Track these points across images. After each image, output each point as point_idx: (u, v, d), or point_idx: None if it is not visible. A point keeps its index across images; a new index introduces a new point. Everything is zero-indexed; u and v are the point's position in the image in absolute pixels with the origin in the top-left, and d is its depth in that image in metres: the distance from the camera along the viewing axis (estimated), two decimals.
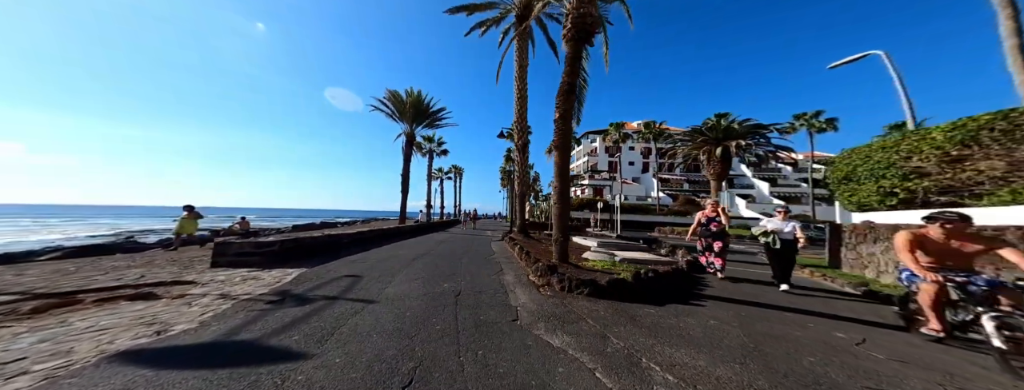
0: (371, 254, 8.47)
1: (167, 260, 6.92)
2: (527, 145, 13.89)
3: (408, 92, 20.98)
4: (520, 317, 3.60)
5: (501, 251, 9.99)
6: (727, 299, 4.68)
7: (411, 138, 21.87)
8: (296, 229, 21.94)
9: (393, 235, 13.14)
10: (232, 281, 4.79)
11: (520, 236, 12.94)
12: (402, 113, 21.41)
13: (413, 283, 5.22)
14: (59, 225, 39.75)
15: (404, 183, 21.23)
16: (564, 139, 5.88)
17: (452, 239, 13.60)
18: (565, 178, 6.02)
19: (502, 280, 5.59)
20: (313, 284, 4.94)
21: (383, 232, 12.00)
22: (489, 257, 8.67)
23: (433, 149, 31.60)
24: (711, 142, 20.12)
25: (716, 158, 19.17)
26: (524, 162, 13.77)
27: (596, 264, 6.70)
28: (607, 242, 11.00)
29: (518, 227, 13.57)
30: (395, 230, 13.59)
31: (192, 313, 3.34)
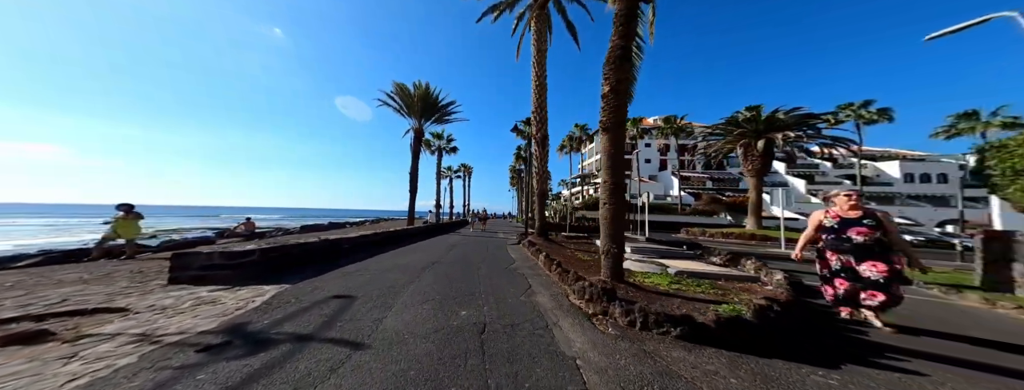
0: (373, 263, 7.26)
1: (128, 272, 5.81)
2: (546, 138, 12.58)
3: (416, 85, 19.87)
4: (588, 382, 2.29)
5: (522, 259, 8.69)
6: (939, 357, 2.82)
7: (419, 134, 20.75)
8: (305, 230, 21.05)
9: (400, 238, 11.98)
10: (178, 308, 3.59)
11: (540, 239, 11.62)
12: (410, 108, 20.31)
13: (420, 308, 3.96)
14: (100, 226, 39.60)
15: (412, 182, 20.12)
16: (616, 117, 4.55)
17: (464, 242, 12.36)
18: (618, 168, 4.68)
19: (536, 304, 4.30)
20: (286, 311, 3.72)
21: (389, 235, 10.84)
22: (510, 266, 7.38)
23: (442, 146, 30.53)
24: (750, 135, 18.40)
25: (757, 152, 17.45)
26: (544, 157, 12.45)
27: (647, 279, 5.33)
28: (642, 247, 9.59)
29: (537, 229, 12.25)
30: (403, 232, 12.43)
31: (59, 376, 2.12)
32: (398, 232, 11.97)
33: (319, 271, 6.06)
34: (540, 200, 12.41)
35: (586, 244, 12.62)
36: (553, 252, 8.80)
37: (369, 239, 9.84)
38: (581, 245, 12.21)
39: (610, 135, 4.61)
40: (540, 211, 12.50)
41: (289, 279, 5.27)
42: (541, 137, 12.42)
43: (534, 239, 11.63)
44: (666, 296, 4.30)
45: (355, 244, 8.78)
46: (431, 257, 8.45)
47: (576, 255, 9.18)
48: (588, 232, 21.36)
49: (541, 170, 12.33)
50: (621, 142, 4.63)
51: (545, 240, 11.66)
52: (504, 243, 12.86)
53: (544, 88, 12.75)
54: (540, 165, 12.36)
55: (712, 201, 33.73)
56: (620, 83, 4.47)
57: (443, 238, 14.44)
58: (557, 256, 7.98)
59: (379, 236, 10.41)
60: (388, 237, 10.80)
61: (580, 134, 49.86)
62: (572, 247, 11.43)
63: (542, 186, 12.30)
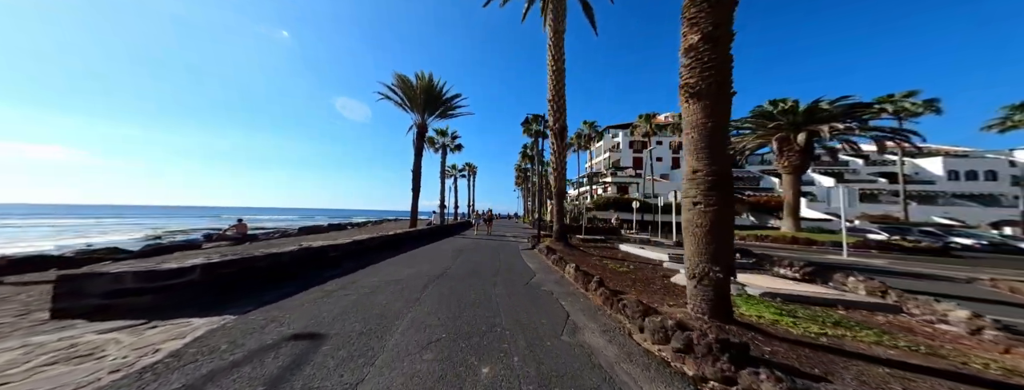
0: (364, 276, 5.89)
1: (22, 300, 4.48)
2: (565, 130, 11.16)
3: (419, 76, 18.53)
4: None
5: (543, 269, 7.28)
6: None
7: (423, 129, 19.43)
8: (304, 232, 19.82)
9: (400, 243, 10.62)
10: (8, 370, 2.21)
11: (559, 244, 10.18)
12: (412, 101, 18.99)
13: (419, 360, 2.61)
14: (116, 226, 39.64)
15: (415, 180, 18.79)
16: (716, 76, 3.11)
17: (472, 247, 10.98)
18: (718, 151, 3.23)
19: (590, 350, 2.91)
20: (199, 371, 2.35)
21: (387, 240, 9.49)
22: (531, 281, 5.98)
23: (447, 143, 29.22)
24: (787, 128, 16.73)
25: (798, 146, 15.78)
26: (561, 150, 11.02)
27: (749, 312, 3.88)
28: (681, 255, 8.09)
29: (555, 232, 10.80)
30: (404, 236, 11.07)
31: None
32: (399, 236, 10.62)
33: (289, 291, 4.70)
34: (558, 200, 10.96)
35: (609, 250, 11.17)
36: (583, 263, 7.38)
37: (364, 245, 8.49)
38: (604, 250, 10.76)
39: (703, 104, 3.17)
40: (559, 212, 11.07)
41: (241, 305, 3.91)
42: (559, 129, 11.00)
43: (552, 244, 10.21)
44: (814, 349, 2.83)
45: (346, 252, 7.43)
46: (434, 268, 7.06)
47: (606, 265, 7.75)
48: (604, 234, 19.86)
49: (559, 166, 10.91)
50: (722, 113, 3.18)
51: (565, 245, 10.22)
52: (517, 248, 11.46)
53: (562, 73, 11.34)
54: (557, 160, 10.94)
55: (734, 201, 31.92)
56: (718, 27, 3.04)
57: (448, 242, 13.06)
58: (592, 269, 6.56)
59: (376, 241, 9.06)
60: (387, 242, 9.44)
61: (589, 131, 48.35)
62: (595, 253, 9.98)
63: (560, 184, 10.87)
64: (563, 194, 10.86)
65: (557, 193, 10.98)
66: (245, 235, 13.58)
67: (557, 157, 10.99)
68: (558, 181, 10.94)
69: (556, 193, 10.99)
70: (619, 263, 8.06)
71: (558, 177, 10.95)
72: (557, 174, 10.96)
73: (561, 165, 10.93)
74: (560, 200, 11.02)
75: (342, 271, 6.31)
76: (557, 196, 11.00)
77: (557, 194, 10.99)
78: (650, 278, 6.17)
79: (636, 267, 7.49)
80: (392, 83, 18.72)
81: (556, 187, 10.99)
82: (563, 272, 6.63)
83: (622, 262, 8.29)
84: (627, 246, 11.51)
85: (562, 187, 11.01)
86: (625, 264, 7.93)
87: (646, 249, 9.99)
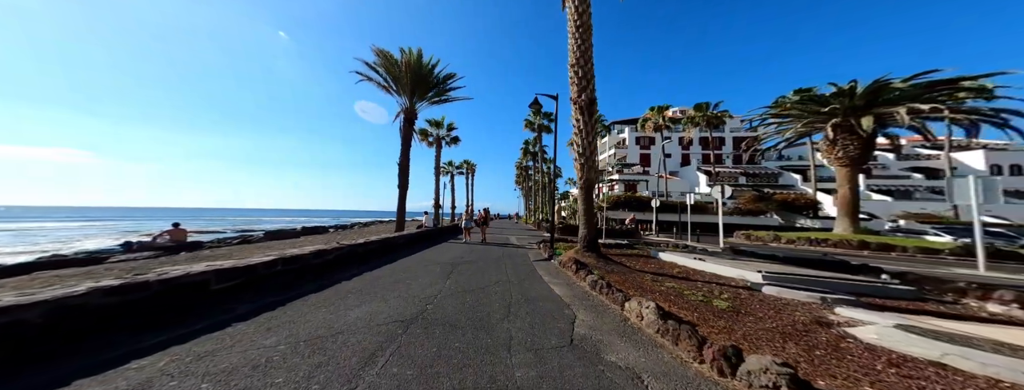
0: (252, 334, 3.26)
1: None
2: (594, 104, 8.56)
3: (404, 53, 15.89)
4: None
5: (580, 300, 4.73)
6: None
7: (411, 116, 16.81)
8: (270, 237, 17.13)
9: (373, 255, 8.00)
10: None
11: (591, 256, 7.56)
12: (397, 82, 16.37)
13: None
14: (76, 230, 37.70)
15: (402, 176, 16.18)
16: None
17: (468, 258, 8.38)
18: None
19: None
20: None
21: (345, 254, 6.85)
22: (576, 336, 3.37)
23: (442, 136, 26.60)
24: (845, 112, 14.15)
25: (863, 132, 13.12)
26: (590, 129, 8.42)
27: None
28: (783, 274, 5.51)
29: (585, 240, 8.14)
30: (378, 245, 8.46)
31: None
32: (370, 246, 8.00)
33: (117, 358, 2.09)
34: (586, 195, 8.27)
35: (645, 259, 8.61)
36: (626, 282, 4.79)
37: (326, 256, 5.88)
38: (641, 261, 8.18)
39: None
40: (587, 212, 8.40)
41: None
42: (586, 101, 8.39)
43: (580, 255, 7.60)
44: None
45: (280, 272, 4.84)
46: (407, 303, 4.47)
47: (671, 288, 5.16)
48: (623, 237, 17.31)
49: (587, 150, 8.29)
50: None
51: (597, 256, 7.61)
52: (527, 258, 8.88)
53: (588, 30, 8.75)
54: (584, 142, 8.32)
55: (756, 199, 29.45)
56: None
57: (439, 250, 10.45)
58: (649, 294, 3.98)
59: (336, 253, 6.43)
60: (345, 256, 6.80)
61: None
62: (634, 265, 7.40)
63: (589, 173, 8.22)
64: (593, 187, 8.28)
65: (585, 186, 8.32)
66: (183, 243, 10.93)
67: (584, 138, 8.37)
68: (586, 170, 8.30)
69: (583, 187, 8.34)
70: (687, 285, 5.48)
71: (586, 165, 8.31)
72: (584, 161, 8.33)
73: (590, 149, 8.30)
74: (588, 195, 8.35)
75: (252, 310, 3.70)
76: (584, 190, 8.34)
77: (584, 188, 8.33)
78: (792, 328, 3.56)
79: (718, 292, 4.93)
80: (374, 61, 16.09)
81: (583, 178, 8.34)
82: (622, 310, 4.04)
83: (686, 282, 5.71)
84: (669, 255, 8.94)
85: (592, 178, 8.39)
86: (697, 287, 5.35)
87: (703, 260, 7.41)
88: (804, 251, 12.19)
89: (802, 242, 14.52)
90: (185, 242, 11.04)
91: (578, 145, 8.28)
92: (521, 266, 7.67)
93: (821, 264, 7.04)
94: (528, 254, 9.94)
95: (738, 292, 5.06)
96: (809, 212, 28.03)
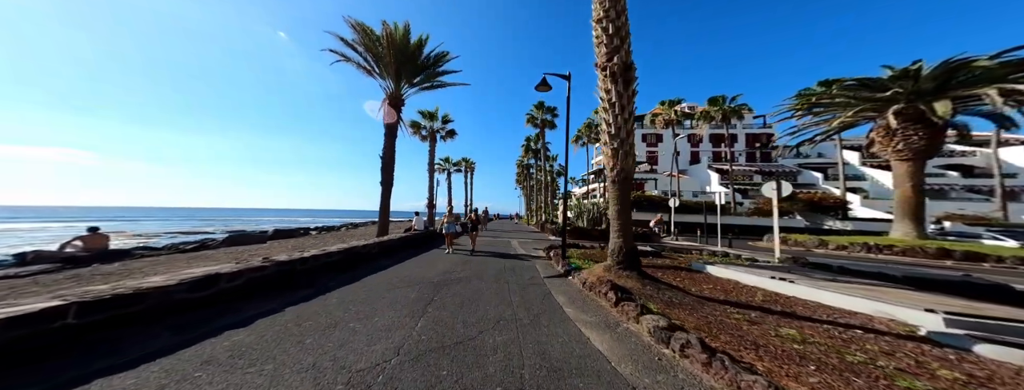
0: None
1: None
2: (631, 68, 6.42)
3: (387, 27, 13.72)
4: None
5: (647, 377, 2.50)
6: None
7: (396, 102, 14.70)
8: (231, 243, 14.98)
9: (329, 270, 5.90)
10: None
11: (632, 277, 5.42)
12: (379, 61, 14.26)
13: None
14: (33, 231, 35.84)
15: (385, 171, 14.10)
16: None
17: (457, 276, 6.27)
18: None
19: None
20: None
21: (290, 268, 4.75)
22: None
23: (437, 129, 24.47)
24: (911, 97, 12.02)
25: (937, 119, 10.91)
26: (627, 104, 6.25)
27: None
28: (991, 322, 3.37)
29: (620, 253, 5.90)
30: (343, 257, 6.36)
31: None
32: (323, 261, 5.88)
33: None
34: (621, 190, 5.97)
35: (683, 274, 6.51)
36: (712, 328, 2.66)
37: (175, 297, 3.78)
38: (692, 281, 6.07)
39: None
40: (623, 214, 6.11)
41: None
42: (621, 66, 6.24)
43: (615, 276, 5.46)
44: None
45: (101, 323, 2.72)
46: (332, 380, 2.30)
47: (780, 338, 3.03)
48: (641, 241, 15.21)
49: (623, 130, 6.07)
50: None
51: (639, 276, 5.47)
52: (535, 273, 6.81)
53: None
54: (619, 120, 6.12)
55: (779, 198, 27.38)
56: None
57: (423, 262, 8.36)
58: (775, 358, 1.81)
59: (248, 276, 4.32)
60: (275, 277, 4.69)
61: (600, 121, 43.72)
62: (691, 288, 5.28)
63: (625, 162, 6.03)
64: (630, 181, 6.07)
65: (619, 178, 6.03)
66: (99, 252, 8.80)
67: (617, 115, 6.21)
68: (620, 157, 6.01)
69: (616, 179, 6.03)
70: (809, 330, 3.36)
71: (620, 150, 6.06)
72: (618, 145, 6.07)
73: (626, 129, 6.11)
74: (624, 191, 6.08)
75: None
76: (619, 184, 6.03)
77: (619, 180, 6.03)
78: None
79: (882, 351, 2.81)
80: (352, 38, 13.95)
81: (616, 168, 6.07)
82: None
83: (793, 322, 3.60)
84: (724, 270, 6.83)
85: (629, 168, 6.11)
86: (827, 335, 3.24)
87: (790, 281, 5.30)
88: (893, 264, 10.03)
89: (857, 248, 12.43)
90: (103, 251, 8.91)
91: (609, 124, 6.14)
92: (530, 289, 5.57)
93: (973, 289, 4.95)
94: (536, 267, 7.84)
95: (913, 349, 2.95)
96: (838, 213, 25.97)
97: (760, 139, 46.01)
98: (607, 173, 6.17)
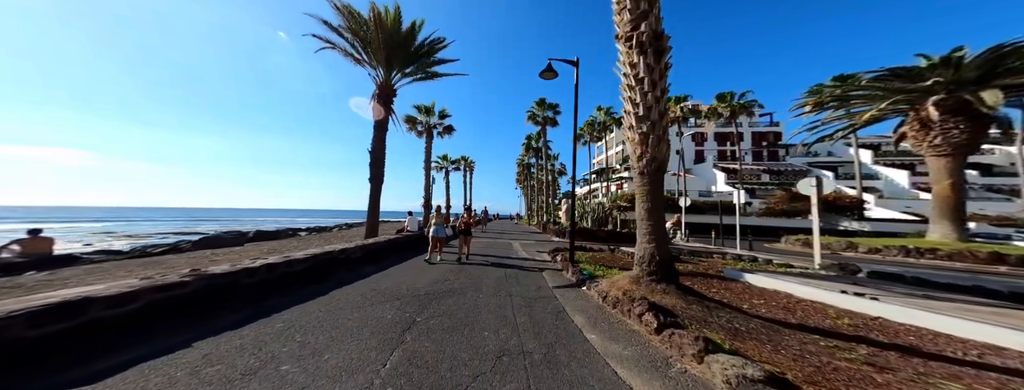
0: None
1: None
2: (662, 37, 5.28)
3: (375, 9, 12.58)
4: None
5: None
6: None
7: (387, 92, 13.60)
8: (201, 246, 13.84)
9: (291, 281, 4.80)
10: None
11: (669, 291, 4.30)
12: (368, 47, 13.17)
13: None
14: None
15: (374, 167, 13.00)
16: None
17: (448, 288, 5.18)
18: None
19: None
20: None
21: (233, 282, 3.67)
22: None
23: (433, 124, 23.36)
24: (949, 87, 10.93)
25: (985, 109, 9.81)
26: (659, 79, 5.12)
27: None
28: None
29: (654, 262, 4.67)
30: (313, 264, 5.27)
31: None
32: (281, 270, 4.79)
33: None
34: (652, 184, 4.83)
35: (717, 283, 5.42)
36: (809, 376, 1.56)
37: (86, 318, 2.69)
38: (735, 294, 4.98)
39: None
40: (654, 214, 4.82)
41: None
42: (651, 35, 5.09)
43: (647, 289, 4.37)
44: None
45: None
46: None
47: None
48: None
49: (654, 111, 4.89)
50: None
51: (677, 289, 4.35)
52: (542, 284, 5.74)
53: None
54: (649, 99, 4.90)
55: (791, 197, 26.31)
56: None
57: (409, 270, 7.29)
58: None
59: (168, 293, 3.21)
60: (203, 293, 3.61)
61: (604, 119, 42.48)
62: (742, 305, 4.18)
63: (656, 150, 4.88)
64: (662, 173, 4.91)
65: (648, 170, 4.88)
66: (45, 256, 7.69)
67: (646, 94, 5.00)
68: (651, 144, 4.81)
69: (646, 170, 4.87)
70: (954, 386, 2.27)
71: (650, 135, 4.87)
72: (648, 129, 4.89)
73: (658, 110, 4.97)
74: (656, 186, 4.97)
75: None
76: (649, 177, 4.82)
77: (648, 172, 4.85)
78: None
79: None
80: (338, 24, 12.83)
81: (646, 157, 4.83)
82: None
83: (917, 363, 2.51)
84: (771, 279, 5.75)
85: (661, 157, 4.93)
86: None
87: (872, 297, 4.23)
88: (946, 270, 8.96)
89: (893, 251, 11.36)
90: (46, 256, 7.79)
91: (636, 105, 5.02)
92: (539, 304, 4.48)
93: None
94: (543, 274, 6.75)
95: None
96: (854, 213, 24.92)
97: (767, 138, 45.00)
98: (634, 164, 5.06)
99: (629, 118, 5.22)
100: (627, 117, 5.32)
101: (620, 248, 11.53)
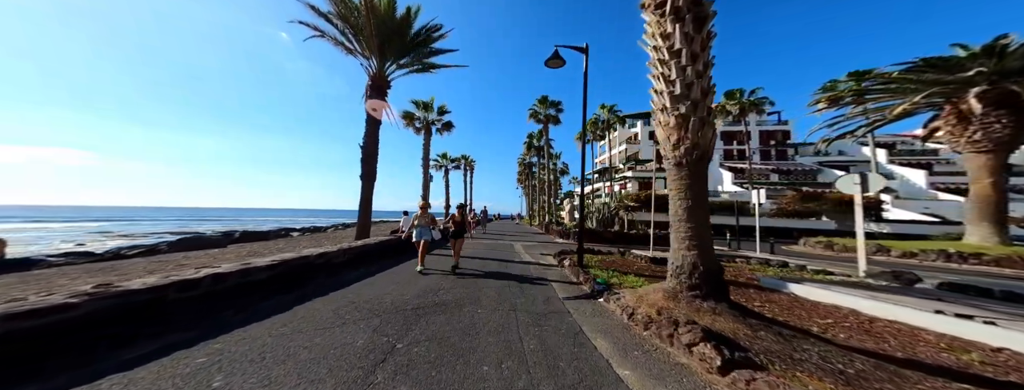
0: None
1: None
2: (701, 3, 4.34)
3: None
4: None
5: None
6: None
7: (380, 82, 12.76)
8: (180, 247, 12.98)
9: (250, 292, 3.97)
10: None
11: (721, 313, 3.40)
12: (359, 35, 12.32)
13: None
14: None
15: (366, 163, 12.15)
16: None
17: (439, 300, 4.33)
18: None
19: None
20: None
21: (158, 298, 2.85)
22: None
23: (431, 120, 22.49)
24: (992, 78, 10.00)
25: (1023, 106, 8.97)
26: (701, 50, 4.22)
27: None
28: None
29: (701, 274, 3.65)
30: (284, 270, 4.45)
31: None
32: (237, 278, 3.95)
33: None
34: (694, 175, 3.72)
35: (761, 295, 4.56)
36: None
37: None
38: (802, 317, 4.11)
39: None
40: (695, 213, 3.79)
41: None
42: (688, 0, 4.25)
43: (692, 309, 3.48)
44: None
45: None
46: None
47: None
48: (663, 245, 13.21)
49: (695, 90, 3.99)
50: None
51: (733, 310, 3.46)
52: (552, 296, 4.91)
53: None
54: (688, 74, 3.99)
55: (803, 198, 25.38)
56: None
57: (396, 278, 6.47)
58: None
59: (61, 317, 2.39)
60: (129, 310, 2.77)
61: (608, 117, 41.57)
62: (825, 332, 3.30)
63: (700, 138, 3.94)
64: (706, 164, 4.01)
65: (688, 160, 3.86)
66: None
67: (684, 68, 4.07)
68: (692, 128, 3.89)
69: (684, 160, 3.93)
70: None
71: (689, 118, 4.02)
72: (687, 110, 4.01)
73: (700, 87, 4.07)
74: (698, 179, 4.07)
75: None
76: (690, 169, 3.91)
77: (689, 164, 3.90)
78: None
79: None
80: (328, 11, 12.00)
81: (686, 143, 3.89)
82: None
83: None
84: (816, 290, 4.88)
85: (705, 144, 3.98)
86: None
87: (989, 322, 3.36)
88: (997, 277, 8.08)
89: (930, 256, 10.47)
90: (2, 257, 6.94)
91: (671, 83, 4.13)
92: (550, 323, 3.61)
93: None
94: (551, 283, 5.88)
95: None
96: (871, 214, 23.97)
97: (775, 136, 44.04)
98: (668, 153, 4.16)
99: (661, 99, 4.34)
100: (658, 99, 4.44)
101: (631, 251, 10.66)
